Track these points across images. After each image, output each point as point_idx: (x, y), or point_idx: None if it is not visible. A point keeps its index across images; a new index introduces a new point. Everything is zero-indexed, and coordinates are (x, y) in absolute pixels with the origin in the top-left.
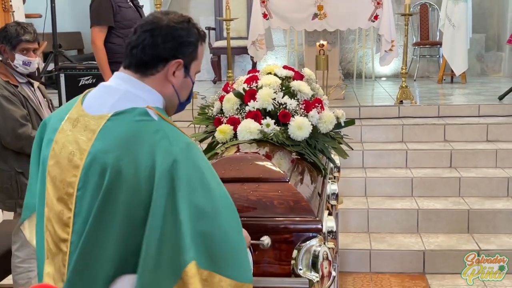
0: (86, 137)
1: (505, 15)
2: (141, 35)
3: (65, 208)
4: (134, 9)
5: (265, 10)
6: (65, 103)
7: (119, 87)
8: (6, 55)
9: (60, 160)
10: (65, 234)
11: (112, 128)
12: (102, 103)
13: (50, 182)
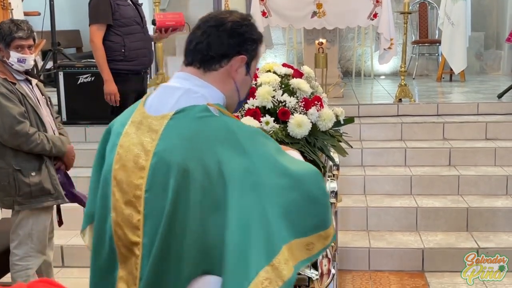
0: (150, 138)
1: (504, 14)
2: (206, 30)
3: (134, 211)
4: (133, 7)
5: (264, 8)
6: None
7: (180, 86)
8: (1, 53)
9: (125, 164)
10: (136, 237)
11: (174, 127)
12: (163, 103)
13: (116, 187)
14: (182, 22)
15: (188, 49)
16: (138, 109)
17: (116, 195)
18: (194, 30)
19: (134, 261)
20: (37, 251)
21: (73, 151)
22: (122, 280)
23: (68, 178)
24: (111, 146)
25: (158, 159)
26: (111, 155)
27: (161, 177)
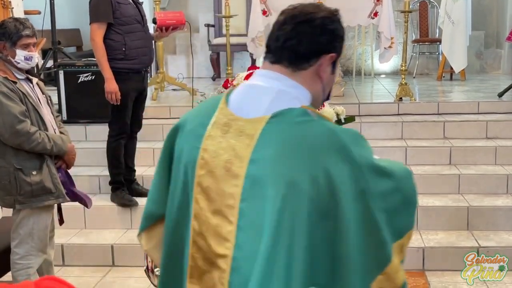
0: (244, 143)
1: (504, 13)
2: (296, 26)
3: (224, 221)
4: (133, 5)
5: (264, 7)
6: (197, 106)
7: (270, 86)
8: (5, 52)
9: (214, 170)
10: (224, 250)
11: (272, 132)
12: (254, 104)
13: (201, 194)
14: (182, 21)
15: (275, 46)
16: (221, 109)
17: (201, 203)
18: (281, 26)
19: (217, 275)
20: (38, 250)
21: (74, 150)
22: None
23: (69, 177)
24: (189, 148)
25: (257, 167)
26: (190, 158)
27: (261, 187)
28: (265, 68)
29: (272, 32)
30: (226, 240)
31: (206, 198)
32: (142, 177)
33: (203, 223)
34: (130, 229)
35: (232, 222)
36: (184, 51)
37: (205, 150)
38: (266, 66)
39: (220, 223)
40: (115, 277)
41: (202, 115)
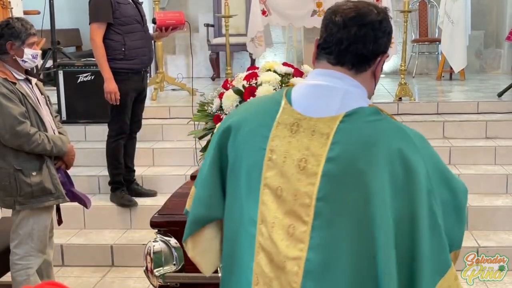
0: (319, 142)
1: (504, 12)
2: (360, 30)
3: (297, 221)
4: (133, 5)
5: (264, 7)
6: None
7: (337, 86)
8: (12, 52)
9: (284, 169)
10: (296, 252)
11: (347, 130)
12: (323, 104)
13: (270, 195)
14: (182, 21)
15: (338, 49)
16: (284, 109)
17: (270, 205)
18: (341, 28)
19: (289, 278)
20: (37, 250)
21: (73, 151)
22: None
23: (68, 177)
24: (251, 149)
25: (334, 166)
26: (254, 160)
27: (339, 185)
28: (326, 68)
29: (331, 34)
30: (300, 241)
31: (276, 199)
32: (142, 177)
33: (272, 226)
34: (129, 229)
35: (307, 222)
36: (183, 51)
37: (272, 151)
38: (327, 66)
39: (293, 223)
40: (115, 277)
41: (260, 115)
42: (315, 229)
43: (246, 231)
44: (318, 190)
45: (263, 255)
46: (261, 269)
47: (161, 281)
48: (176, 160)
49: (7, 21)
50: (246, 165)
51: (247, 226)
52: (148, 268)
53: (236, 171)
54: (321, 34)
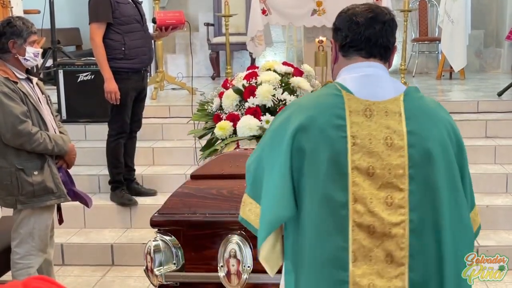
0: (394, 120)
1: (504, 11)
2: (384, 25)
3: (393, 191)
4: (132, 5)
5: (264, 6)
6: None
7: (380, 73)
8: (14, 50)
9: (372, 150)
10: (399, 217)
11: (411, 106)
12: (381, 88)
13: (361, 176)
14: (182, 20)
15: (368, 45)
16: (348, 99)
17: (362, 184)
18: (366, 28)
19: (393, 243)
20: (38, 249)
21: (74, 150)
22: (369, 276)
23: (69, 177)
24: (330, 140)
25: (415, 136)
26: (336, 149)
27: (421, 152)
28: (362, 61)
29: (358, 33)
30: (400, 207)
31: (368, 177)
32: (142, 177)
33: (371, 201)
34: (129, 228)
35: (403, 189)
36: (183, 50)
37: (353, 137)
38: (360, 60)
39: (390, 194)
40: (115, 277)
41: (327, 109)
42: (411, 193)
43: (335, 214)
44: (408, 160)
45: (359, 231)
46: (359, 244)
47: (161, 280)
48: (176, 159)
49: (8, 19)
50: (327, 156)
51: (335, 209)
52: (148, 267)
53: (314, 164)
54: (343, 35)
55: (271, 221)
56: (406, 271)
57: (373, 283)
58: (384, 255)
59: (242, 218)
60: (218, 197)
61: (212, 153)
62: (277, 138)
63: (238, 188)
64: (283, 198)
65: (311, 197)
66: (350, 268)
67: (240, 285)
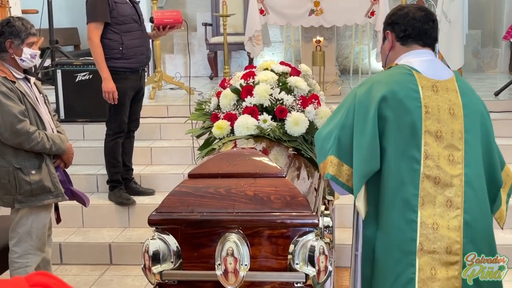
0: (453, 95)
1: (501, 11)
2: (434, 23)
3: (454, 150)
4: (130, 5)
5: (261, 6)
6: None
7: (436, 59)
8: (11, 50)
9: (439, 117)
10: (457, 170)
11: (461, 86)
12: (441, 71)
13: (430, 137)
14: (180, 20)
15: (426, 37)
16: (419, 77)
17: (432, 144)
18: (423, 23)
19: (453, 191)
20: (36, 248)
21: (72, 149)
22: (433, 217)
23: (67, 176)
24: (409, 109)
25: (467, 109)
26: (414, 115)
27: (472, 120)
28: (421, 49)
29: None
30: (458, 163)
31: (436, 139)
32: (140, 176)
33: (437, 158)
34: (127, 227)
35: (460, 149)
36: (181, 50)
37: (426, 106)
38: (418, 48)
39: (451, 152)
40: (113, 276)
41: (403, 84)
42: (466, 153)
43: (409, 168)
44: (464, 126)
45: (427, 181)
46: (426, 191)
47: (158, 279)
48: (174, 158)
49: (8, 19)
50: (406, 121)
51: (410, 164)
52: (146, 266)
53: (395, 128)
54: (402, 28)
55: (365, 174)
56: (461, 213)
57: (436, 222)
58: (445, 201)
59: (331, 175)
60: (215, 195)
61: (210, 152)
62: (363, 108)
63: (235, 186)
64: (374, 156)
65: (393, 155)
66: (418, 211)
67: (237, 283)
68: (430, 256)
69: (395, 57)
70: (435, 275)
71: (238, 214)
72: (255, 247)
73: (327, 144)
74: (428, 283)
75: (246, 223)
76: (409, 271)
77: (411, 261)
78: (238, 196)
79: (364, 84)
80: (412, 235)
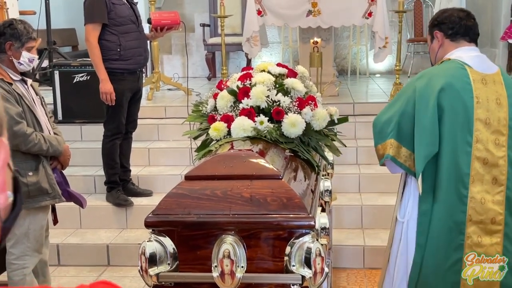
0: (499, 87)
1: (498, 12)
2: (474, 21)
3: (499, 135)
4: (128, 6)
5: (259, 7)
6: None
7: (483, 54)
8: (10, 52)
9: (488, 107)
10: (502, 152)
11: (505, 79)
12: (487, 65)
13: (480, 124)
14: (177, 21)
15: (472, 34)
16: (470, 71)
17: (481, 129)
18: (467, 20)
19: (498, 170)
20: (33, 250)
21: (68, 151)
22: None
23: (64, 178)
24: (464, 99)
25: (511, 99)
26: (467, 104)
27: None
28: (468, 45)
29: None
30: (502, 146)
31: (484, 126)
32: (137, 177)
33: (486, 142)
34: (125, 229)
35: (505, 134)
36: (179, 50)
37: (477, 97)
38: (466, 44)
39: (497, 137)
40: (110, 277)
41: (457, 77)
42: (509, 138)
43: (463, 151)
44: (508, 115)
45: (477, 162)
46: (476, 171)
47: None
48: (172, 159)
49: (11, 21)
50: (461, 109)
51: (463, 147)
52: (142, 268)
53: (452, 114)
54: (450, 26)
55: (426, 156)
56: (504, 189)
57: (483, 197)
58: (491, 178)
59: (391, 156)
60: (212, 197)
61: (207, 154)
62: (424, 97)
63: (232, 188)
64: (434, 140)
65: (449, 139)
66: (469, 188)
67: (233, 285)
68: (477, 226)
69: (445, 53)
70: (481, 242)
71: (235, 216)
72: (251, 249)
73: (387, 128)
74: (474, 248)
75: (243, 225)
76: (459, 238)
77: (461, 230)
78: (234, 198)
79: (422, 77)
80: (463, 208)
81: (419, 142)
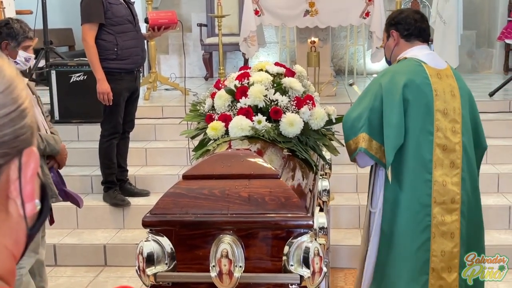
0: (451, 81)
1: (495, 12)
2: (427, 23)
3: (454, 123)
4: (125, 5)
5: (256, 6)
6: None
7: (434, 52)
8: (6, 52)
9: (444, 98)
10: (457, 138)
11: (455, 73)
12: (439, 62)
13: (439, 114)
14: (174, 20)
15: (425, 34)
16: (427, 68)
17: (441, 119)
18: (422, 23)
19: (455, 155)
20: (30, 250)
21: (65, 150)
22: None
23: (60, 177)
24: (424, 92)
25: (462, 90)
26: (428, 97)
27: (465, 99)
28: (421, 45)
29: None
30: (458, 133)
31: (443, 115)
32: (135, 177)
33: (444, 130)
34: (122, 229)
35: (459, 122)
36: (176, 50)
37: (435, 90)
38: (419, 44)
39: (453, 125)
40: (108, 277)
41: (417, 73)
42: (462, 125)
43: (425, 140)
44: (461, 105)
45: (438, 149)
46: (437, 156)
47: (153, 281)
48: (169, 159)
49: (7, 20)
50: (423, 102)
51: (426, 136)
52: (140, 268)
53: (415, 107)
54: (405, 27)
55: (394, 147)
56: (460, 172)
57: (444, 180)
58: (449, 163)
59: (364, 149)
60: (209, 197)
61: (204, 153)
62: (390, 93)
63: (230, 188)
64: (401, 132)
65: (413, 130)
66: (433, 172)
67: (231, 285)
68: (440, 207)
69: (400, 52)
70: (444, 220)
71: (233, 216)
72: (249, 248)
73: (358, 124)
74: (439, 227)
75: (241, 224)
76: (426, 220)
77: (427, 211)
78: (232, 197)
79: (385, 74)
80: (428, 191)
81: (388, 135)
